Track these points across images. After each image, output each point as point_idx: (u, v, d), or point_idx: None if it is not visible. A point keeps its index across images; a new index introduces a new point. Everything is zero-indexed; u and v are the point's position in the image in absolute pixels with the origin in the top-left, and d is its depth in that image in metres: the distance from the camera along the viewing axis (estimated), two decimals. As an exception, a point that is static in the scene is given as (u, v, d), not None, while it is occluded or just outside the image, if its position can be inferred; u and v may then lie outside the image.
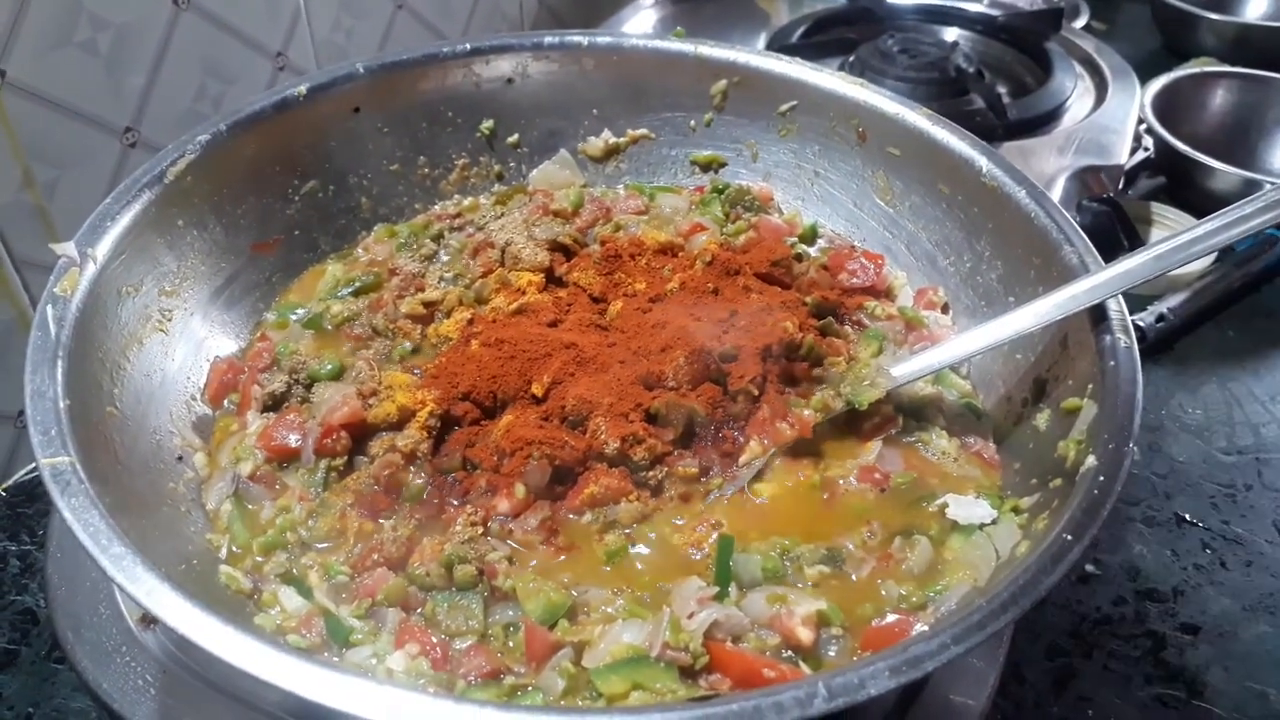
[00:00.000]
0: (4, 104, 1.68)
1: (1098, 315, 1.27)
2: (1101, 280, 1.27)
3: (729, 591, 1.18)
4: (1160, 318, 2.04)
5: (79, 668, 1.30)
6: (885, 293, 1.62)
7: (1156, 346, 2.03)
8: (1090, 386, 1.24)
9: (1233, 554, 1.66)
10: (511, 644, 1.15)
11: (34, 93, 1.71)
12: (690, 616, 1.13)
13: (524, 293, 1.49)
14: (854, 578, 1.22)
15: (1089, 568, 1.64)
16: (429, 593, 1.19)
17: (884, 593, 1.20)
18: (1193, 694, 1.48)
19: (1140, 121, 2.32)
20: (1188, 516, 1.73)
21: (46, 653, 1.50)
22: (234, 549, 1.25)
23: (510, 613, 1.18)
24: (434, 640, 1.14)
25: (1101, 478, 1.10)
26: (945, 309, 1.58)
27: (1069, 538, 1.04)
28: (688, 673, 1.09)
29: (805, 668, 1.11)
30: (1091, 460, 1.14)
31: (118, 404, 1.26)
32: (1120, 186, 2.23)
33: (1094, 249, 1.36)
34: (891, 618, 1.15)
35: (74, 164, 1.99)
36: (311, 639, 1.15)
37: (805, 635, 1.12)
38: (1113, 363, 1.22)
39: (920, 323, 1.54)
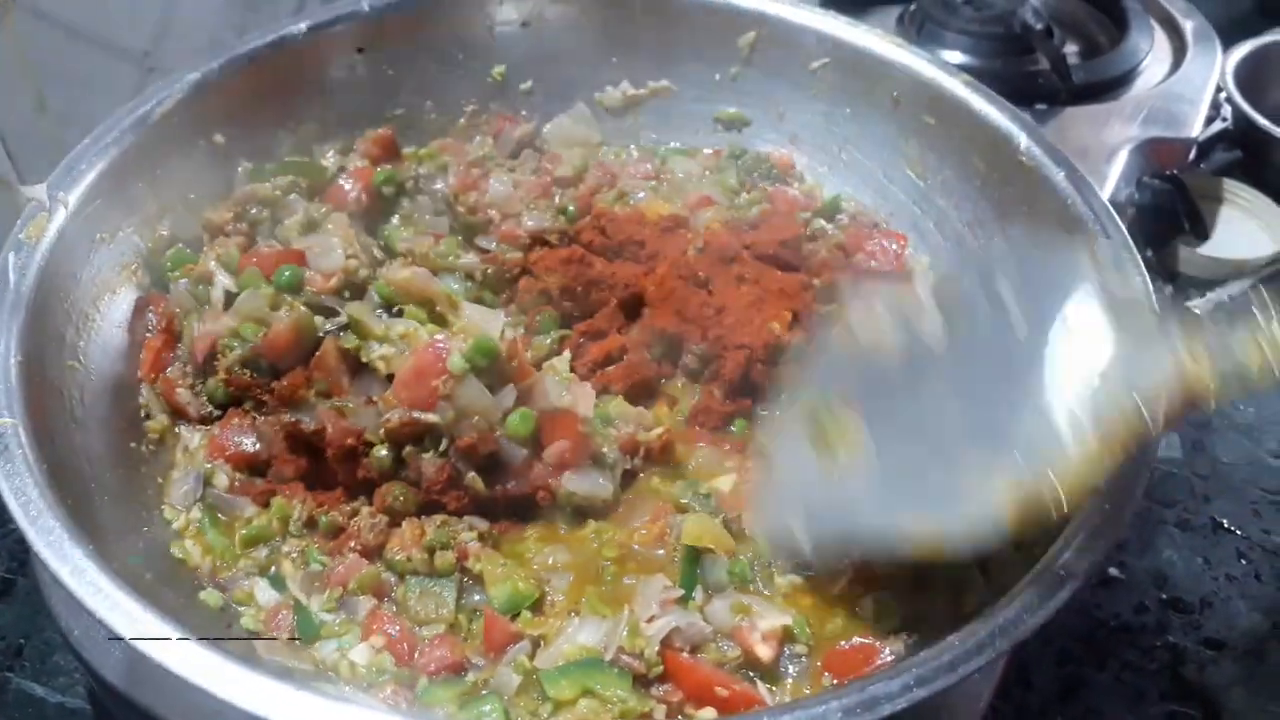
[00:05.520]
0: (14, 24, 1.64)
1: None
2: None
3: (695, 595, 1.12)
4: (1219, 306, 1.89)
5: (54, 613, 1.30)
6: (904, 278, 1.51)
7: (1214, 337, 1.90)
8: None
9: (1270, 566, 1.55)
10: (475, 628, 1.11)
11: (46, 14, 1.66)
12: (650, 620, 1.07)
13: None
14: (833, 589, 1.15)
15: (1113, 571, 1.54)
16: (403, 577, 1.15)
17: (858, 609, 1.13)
18: (1209, 715, 1.40)
19: (1219, 90, 2.14)
20: (1225, 523, 1.61)
21: (42, 585, 1.50)
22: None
23: (478, 597, 1.14)
24: (401, 631, 1.10)
25: (1107, 506, 1.02)
26: (969, 298, 1.48)
27: (1063, 573, 0.97)
28: (642, 680, 1.05)
29: (762, 687, 1.05)
30: (1100, 483, 1.05)
31: (81, 357, 1.23)
32: (1192, 158, 2.06)
33: (1131, 244, 1.27)
34: (859, 640, 1.08)
35: (90, 90, 1.95)
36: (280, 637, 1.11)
37: (765, 652, 1.06)
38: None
39: (938, 313, 1.44)
